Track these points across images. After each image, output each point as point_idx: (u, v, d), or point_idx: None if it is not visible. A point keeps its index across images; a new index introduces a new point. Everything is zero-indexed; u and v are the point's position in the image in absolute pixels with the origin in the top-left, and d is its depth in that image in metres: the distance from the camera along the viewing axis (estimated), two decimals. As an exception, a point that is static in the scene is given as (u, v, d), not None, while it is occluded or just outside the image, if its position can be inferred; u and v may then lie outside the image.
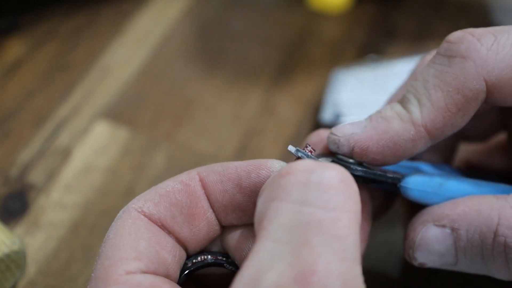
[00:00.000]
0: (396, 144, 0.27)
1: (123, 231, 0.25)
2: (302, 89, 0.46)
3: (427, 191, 0.27)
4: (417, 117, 0.26)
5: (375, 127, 0.27)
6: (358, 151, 0.27)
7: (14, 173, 0.40)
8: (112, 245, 0.25)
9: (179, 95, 0.46)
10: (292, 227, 0.21)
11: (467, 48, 0.25)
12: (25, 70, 0.47)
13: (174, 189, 0.26)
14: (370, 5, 0.52)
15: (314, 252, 0.20)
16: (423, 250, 0.27)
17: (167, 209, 0.26)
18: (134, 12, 0.51)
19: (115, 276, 0.23)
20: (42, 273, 0.35)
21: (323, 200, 0.21)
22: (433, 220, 0.27)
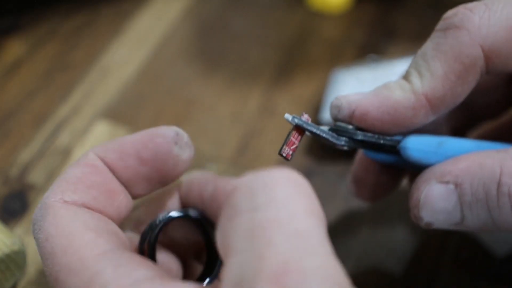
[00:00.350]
0: (396, 111, 0.27)
1: (62, 220, 0.25)
2: (302, 89, 0.46)
3: (426, 151, 0.27)
4: (418, 86, 0.27)
5: (377, 94, 0.28)
6: (358, 115, 0.28)
7: (14, 173, 0.40)
8: (61, 236, 0.24)
9: (179, 95, 0.46)
10: (252, 234, 0.20)
11: (461, 19, 0.26)
12: (25, 70, 0.47)
13: (84, 173, 0.26)
14: (370, 5, 0.52)
15: (280, 252, 0.19)
16: (428, 208, 0.27)
17: (87, 193, 0.26)
18: (134, 12, 0.51)
19: (90, 257, 0.24)
20: (42, 273, 0.35)
21: (273, 200, 0.21)
22: (435, 178, 0.27)
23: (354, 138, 0.28)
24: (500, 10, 0.26)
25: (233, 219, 0.21)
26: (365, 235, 0.37)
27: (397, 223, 0.38)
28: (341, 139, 0.28)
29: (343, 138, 0.28)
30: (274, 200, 0.21)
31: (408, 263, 0.36)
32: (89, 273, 0.23)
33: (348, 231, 0.37)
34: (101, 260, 0.23)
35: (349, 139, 0.28)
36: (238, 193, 0.22)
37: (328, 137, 0.28)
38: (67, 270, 0.24)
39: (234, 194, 0.22)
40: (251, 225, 0.20)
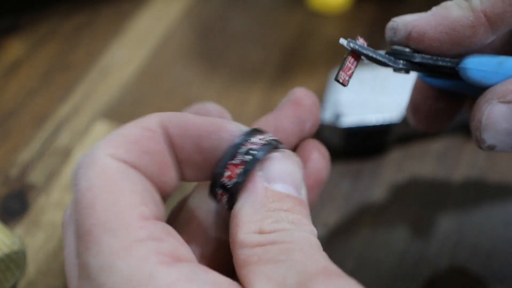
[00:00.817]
0: (454, 30, 0.26)
1: (113, 175, 0.23)
2: (302, 89, 0.46)
3: (487, 70, 0.27)
4: (476, 3, 0.26)
5: (435, 13, 0.27)
6: (415, 35, 0.27)
7: (14, 173, 0.40)
8: (106, 189, 0.22)
9: (179, 95, 0.46)
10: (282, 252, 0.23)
11: None
12: (25, 70, 0.47)
13: (143, 136, 0.24)
14: (370, 5, 0.52)
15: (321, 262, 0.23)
16: (491, 129, 0.26)
17: (140, 157, 0.24)
18: (134, 12, 0.51)
19: (132, 219, 0.22)
20: (42, 273, 0.35)
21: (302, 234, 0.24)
22: (497, 97, 0.26)
23: (411, 61, 0.27)
24: None
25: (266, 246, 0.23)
26: (365, 235, 0.37)
27: (397, 223, 0.38)
28: (399, 62, 0.27)
29: (401, 61, 0.28)
30: (306, 239, 0.23)
31: (408, 263, 0.36)
32: (129, 238, 0.21)
33: (348, 231, 0.37)
34: (144, 229, 0.22)
35: (407, 61, 0.28)
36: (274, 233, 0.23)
37: (385, 60, 0.27)
38: (105, 227, 0.22)
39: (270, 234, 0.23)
40: (286, 248, 0.22)
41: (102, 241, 0.21)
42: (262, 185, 0.24)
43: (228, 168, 0.24)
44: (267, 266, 0.22)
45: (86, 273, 0.22)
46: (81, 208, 0.22)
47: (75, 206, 0.23)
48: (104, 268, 0.21)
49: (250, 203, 0.24)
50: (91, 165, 0.23)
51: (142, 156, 0.24)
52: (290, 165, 0.25)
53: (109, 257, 0.21)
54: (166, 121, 0.25)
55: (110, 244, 0.21)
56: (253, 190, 0.24)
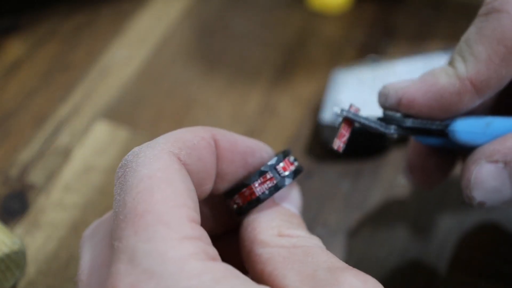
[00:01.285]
0: (442, 97, 0.28)
1: (175, 174, 0.23)
2: (302, 89, 0.46)
3: (475, 132, 0.28)
4: (462, 71, 0.27)
5: (423, 80, 0.28)
6: (405, 102, 0.28)
7: (14, 173, 0.40)
8: (169, 185, 0.23)
9: (179, 95, 0.46)
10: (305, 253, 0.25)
11: (501, 2, 0.27)
12: (25, 70, 0.47)
13: (200, 145, 0.25)
14: (370, 5, 0.52)
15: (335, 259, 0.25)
16: (480, 188, 0.27)
17: (196, 163, 0.25)
18: (134, 12, 0.51)
19: (184, 219, 0.22)
20: (42, 273, 0.35)
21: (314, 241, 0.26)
22: (485, 157, 0.27)
23: (402, 126, 0.29)
24: None
25: (289, 249, 0.25)
26: (365, 235, 0.37)
27: (397, 223, 0.38)
28: (390, 128, 0.29)
29: (392, 127, 0.29)
30: (317, 245, 0.26)
31: (408, 263, 0.36)
32: (181, 233, 0.22)
33: (348, 231, 0.37)
34: (195, 230, 0.22)
35: (398, 126, 0.29)
36: (293, 238, 0.26)
37: (377, 126, 0.28)
38: (160, 217, 0.22)
39: (289, 237, 0.26)
40: (307, 250, 0.25)
41: (155, 229, 0.21)
42: (274, 202, 0.28)
43: (261, 180, 0.27)
44: (296, 263, 0.24)
45: (130, 257, 0.21)
46: (136, 192, 0.22)
47: (124, 188, 0.23)
48: (154, 255, 0.21)
49: (265, 213, 0.27)
50: (155, 156, 0.24)
51: (197, 163, 0.25)
52: (295, 191, 0.29)
53: (160, 245, 0.21)
54: (217, 135, 0.26)
55: (164, 234, 0.21)
56: (267, 204, 0.27)
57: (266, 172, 0.27)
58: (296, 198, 0.29)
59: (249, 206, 0.27)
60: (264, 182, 0.27)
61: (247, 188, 0.27)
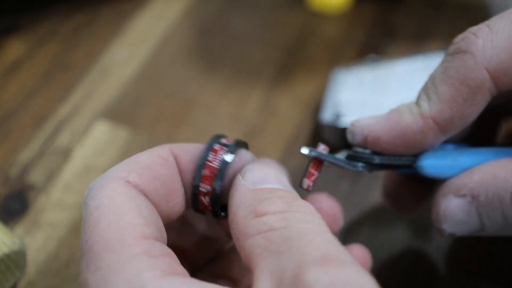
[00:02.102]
0: (405, 135, 0.28)
1: (120, 197, 0.24)
2: (302, 89, 0.46)
3: (442, 166, 0.28)
4: (426, 110, 0.28)
5: (388, 118, 0.29)
6: (370, 140, 0.29)
7: (14, 173, 0.40)
8: (113, 210, 0.24)
9: (179, 95, 0.46)
10: (290, 240, 0.23)
11: (466, 43, 0.27)
12: (25, 70, 0.47)
13: (155, 163, 0.26)
14: (370, 5, 0.52)
15: (320, 249, 0.22)
16: (449, 221, 0.28)
17: (151, 182, 0.26)
18: (134, 12, 0.51)
19: (131, 238, 0.23)
20: (42, 273, 0.35)
21: (307, 220, 0.24)
22: (452, 192, 0.28)
23: (371, 163, 0.29)
24: (501, 30, 0.27)
25: (268, 233, 0.23)
26: (365, 235, 0.37)
27: (397, 223, 0.38)
28: (358, 166, 0.29)
29: (360, 164, 0.29)
30: (304, 221, 0.23)
31: (408, 263, 0.36)
32: (125, 254, 0.22)
33: (348, 231, 0.37)
34: (141, 246, 0.23)
35: (366, 164, 0.29)
36: (270, 216, 0.24)
37: (345, 165, 0.29)
38: (105, 244, 0.23)
39: (264, 217, 0.24)
40: (288, 234, 0.23)
41: (100, 257, 0.23)
42: (247, 188, 0.26)
43: (203, 177, 0.27)
44: (269, 259, 0.22)
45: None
46: (87, 227, 0.24)
47: (83, 225, 0.24)
48: (100, 283, 0.22)
49: (241, 202, 0.25)
50: (102, 186, 0.25)
51: (152, 181, 0.26)
52: (271, 169, 0.27)
53: (105, 272, 0.22)
54: (175, 149, 0.27)
55: (108, 260, 0.22)
56: (240, 193, 0.26)
57: (202, 166, 0.27)
58: (272, 176, 0.26)
59: (215, 204, 0.27)
60: (205, 176, 0.27)
61: (197, 192, 0.27)
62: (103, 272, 0.22)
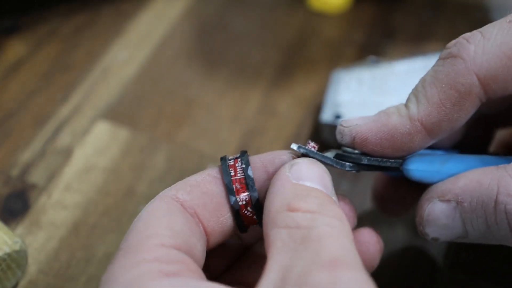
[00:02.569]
0: (393, 137, 0.28)
1: (158, 212, 0.26)
2: (302, 89, 0.46)
3: (429, 170, 0.28)
4: (414, 112, 0.28)
5: (376, 120, 0.29)
6: (358, 141, 0.29)
7: (15, 173, 0.40)
8: (146, 222, 0.26)
9: (179, 95, 0.46)
10: (306, 241, 0.23)
11: (458, 49, 0.27)
12: (26, 71, 0.47)
13: (204, 180, 0.28)
14: (370, 5, 0.53)
15: (332, 251, 0.23)
16: (432, 225, 0.28)
17: (199, 198, 0.27)
18: (135, 13, 0.51)
19: (148, 245, 0.24)
20: (43, 273, 0.35)
21: (327, 224, 0.24)
22: (437, 196, 0.28)
23: (359, 163, 0.29)
24: (493, 37, 0.27)
25: (292, 230, 0.24)
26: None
27: (397, 223, 0.38)
28: (346, 165, 0.29)
29: (348, 164, 0.29)
30: (328, 225, 0.24)
31: (408, 263, 0.36)
32: (137, 258, 0.24)
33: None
34: (155, 252, 0.24)
35: (354, 164, 0.29)
36: (300, 213, 0.25)
37: (333, 164, 0.29)
38: (125, 250, 0.25)
39: (295, 213, 0.25)
40: (309, 235, 0.24)
41: (116, 260, 0.24)
42: (289, 181, 0.26)
43: (237, 191, 0.27)
44: (285, 255, 0.23)
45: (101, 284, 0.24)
46: (126, 235, 0.26)
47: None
48: (107, 281, 0.24)
49: (279, 192, 0.26)
50: (150, 203, 0.27)
51: (202, 197, 0.27)
52: (317, 168, 0.27)
53: (115, 271, 0.24)
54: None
55: (122, 261, 0.24)
56: (281, 183, 0.26)
57: (231, 183, 0.27)
58: (316, 175, 0.27)
59: (258, 209, 0.27)
60: (238, 190, 0.27)
61: (238, 207, 0.27)
62: (113, 271, 0.24)
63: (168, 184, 0.39)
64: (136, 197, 0.39)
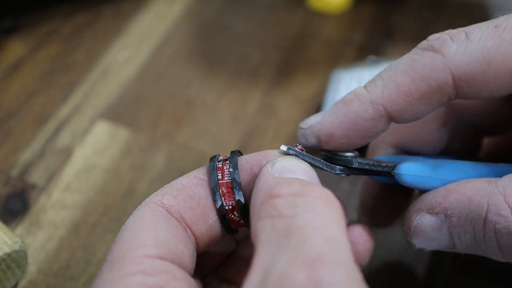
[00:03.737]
0: (357, 125, 0.27)
1: (143, 220, 0.26)
2: (302, 89, 0.46)
3: (421, 176, 0.28)
4: (378, 96, 0.27)
5: (335, 112, 0.28)
6: (324, 139, 0.28)
7: (16, 173, 0.40)
8: (131, 232, 0.25)
9: (179, 95, 0.46)
10: (289, 233, 0.22)
11: (440, 43, 0.27)
12: (26, 71, 0.47)
13: (190, 183, 0.27)
14: (369, 5, 0.53)
15: (315, 248, 0.22)
16: (419, 236, 0.28)
17: (186, 201, 0.27)
18: (135, 13, 0.51)
19: (133, 257, 0.24)
20: (43, 273, 0.35)
21: (311, 210, 0.23)
22: (426, 208, 0.27)
23: (350, 166, 0.29)
24: (477, 40, 0.26)
25: (275, 219, 0.23)
26: (364, 235, 0.37)
27: (397, 223, 0.38)
28: (336, 168, 0.29)
29: (338, 167, 0.29)
30: (313, 210, 0.23)
31: (408, 263, 0.36)
32: (121, 272, 0.24)
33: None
34: (139, 265, 0.24)
35: (345, 167, 0.29)
36: (282, 200, 0.24)
37: (322, 166, 0.28)
38: (110, 262, 0.24)
39: (277, 199, 0.24)
40: (291, 225, 0.23)
41: (101, 274, 0.24)
42: (272, 175, 0.26)
43: (223, 195, 0.27)
44: (268, 249, 0.23)
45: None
46: (111, 247, 0.26)
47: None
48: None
49: (262, 186, 0.25)
50: (136, 211, 0.27)
51: (188, 200, 0.27)
52: (300, 163, 0.27)
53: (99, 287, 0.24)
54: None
55: (105, 277, 0.24)
56: (265, 179, 0.26)
57: (217, 186, 0.27)
58: (300, 168, 0.26)
59: (245, 214, 0.27)
60: (224, 194, 0.27)
61: (224, 212, 0.27)
62: (98, 286, 0.24)
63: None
64: (136, 197, 0.39)
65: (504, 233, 0.25)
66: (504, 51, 0.25)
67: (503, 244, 0.25)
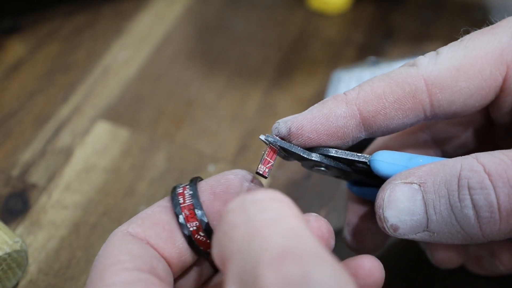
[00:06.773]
0: (328, 120, 0.28)
1: (113, 244, 0.27)
2: (302, 89, 0.46)
3: (396, 164, 0.28)
4: (353, 97, 0.29)
5: (311, 109, 0.29)
6: (294, 131, 0.29)
7: (16, 173, 0.40)
8: (105, 254, 0.26)
9: (179, 95, 0.46)
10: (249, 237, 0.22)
11: (414, 61, 0.29)
12: (26, 71, 0.47)
13: (155, 211, 0.28)
14: (369, 5, 0.53)
15: (277, 243, 0.21)
16: (393, 208, 0.27)
17: (151, 228, 0.27)
18: (135, 13, 0.52)
19: (111, 271, 0.25)
20: (44, 273, 0.35)
21: (263, 209, 0.23)
22: (400, 179, 0.28)
23: (326, 154, 0.29)
24: (445, 52, 0.29)
25: (230, 231, 0.23)
26: (364, 235, 0.37)
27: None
28: (312, 155, 0.29)
29: (315, 154, 0.29)
30: (264, 209, 0.23)
31: (408, 263, 0.36)
32: (102, 284, 0.25)
33: (348, 231, 0.37)
34: (118, 276, 0.25)
35: (321, 155, 0.29)
36: (233, 213, 0.23)
37: (300, 152, 0.29)
38: (90, 281, 0.26)
39: (229, 213, 0.24)
40: (247, 230, 0.22)
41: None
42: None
43: (187, 218, 0.28)
44: (234, 260, 0.22)
45: None
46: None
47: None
48: None
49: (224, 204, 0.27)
50: (106, 241, 0.28)
51: (153, 227, 0.27)
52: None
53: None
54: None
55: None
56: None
57: (180, 210, 0.28)
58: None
59: (210, 233, 0.27)
60: (187, 216, 0.28)
61: (189, 233, 0.27)
62: None
63: (168, 184, 0.40)
64: (136, 197, 0.39)
65: (478, 188, 0.25)
66: (470, 56, 0.28)
67: (477, 202, 0.26)
